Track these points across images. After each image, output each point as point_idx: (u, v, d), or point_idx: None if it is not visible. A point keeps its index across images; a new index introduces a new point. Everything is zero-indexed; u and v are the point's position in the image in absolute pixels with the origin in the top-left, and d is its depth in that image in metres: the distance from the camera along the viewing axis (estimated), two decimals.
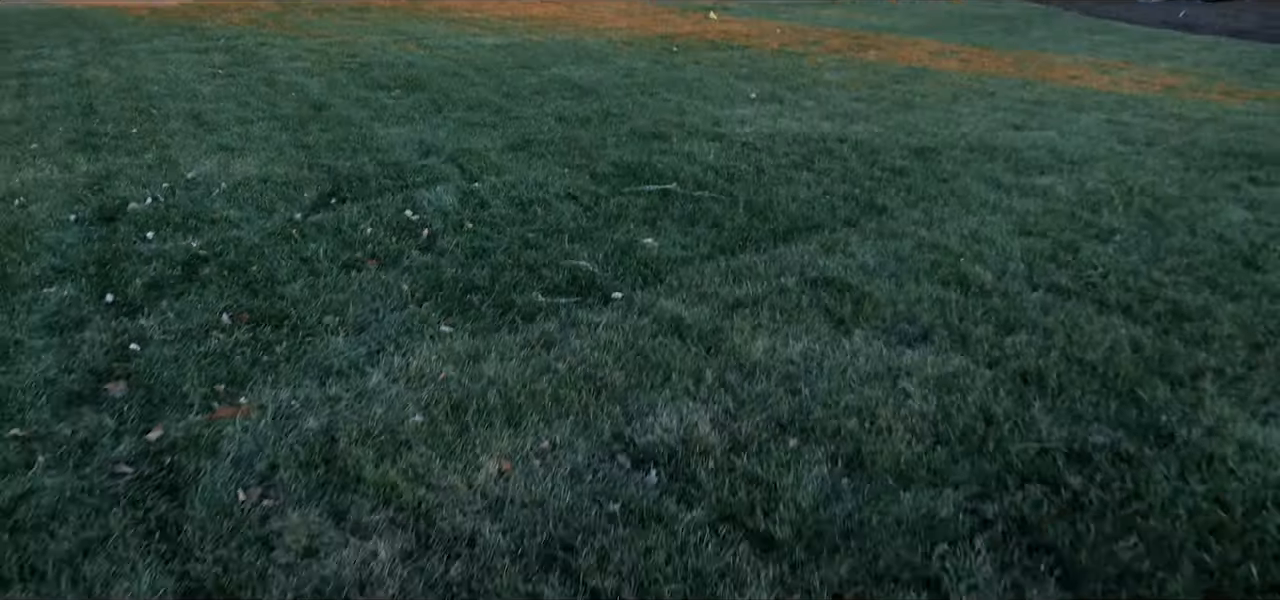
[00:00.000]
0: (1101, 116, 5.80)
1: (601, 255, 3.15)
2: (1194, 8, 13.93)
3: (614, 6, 12.13)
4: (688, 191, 3.90)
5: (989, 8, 14.05)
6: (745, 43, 9.04)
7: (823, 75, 7.24)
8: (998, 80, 7.24)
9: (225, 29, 8.59)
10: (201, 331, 2.52)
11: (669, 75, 6.98)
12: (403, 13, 10.49)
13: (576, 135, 4.95)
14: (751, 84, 6.74)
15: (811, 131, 5.13)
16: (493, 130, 5.02)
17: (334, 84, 6.24)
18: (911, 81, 7.04)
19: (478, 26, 9.50)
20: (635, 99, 6.01)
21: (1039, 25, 11.82)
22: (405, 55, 7.50)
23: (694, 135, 4.98)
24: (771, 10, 12.51)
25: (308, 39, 8.21)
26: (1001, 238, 3.33)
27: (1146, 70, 8.05)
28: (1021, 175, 4.26)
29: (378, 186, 3.89)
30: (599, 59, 7.68)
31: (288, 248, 3.14)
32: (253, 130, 4.85)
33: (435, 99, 5.81)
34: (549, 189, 3.90)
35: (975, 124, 5.46)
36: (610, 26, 10.05)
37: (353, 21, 9.59)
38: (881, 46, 9.06)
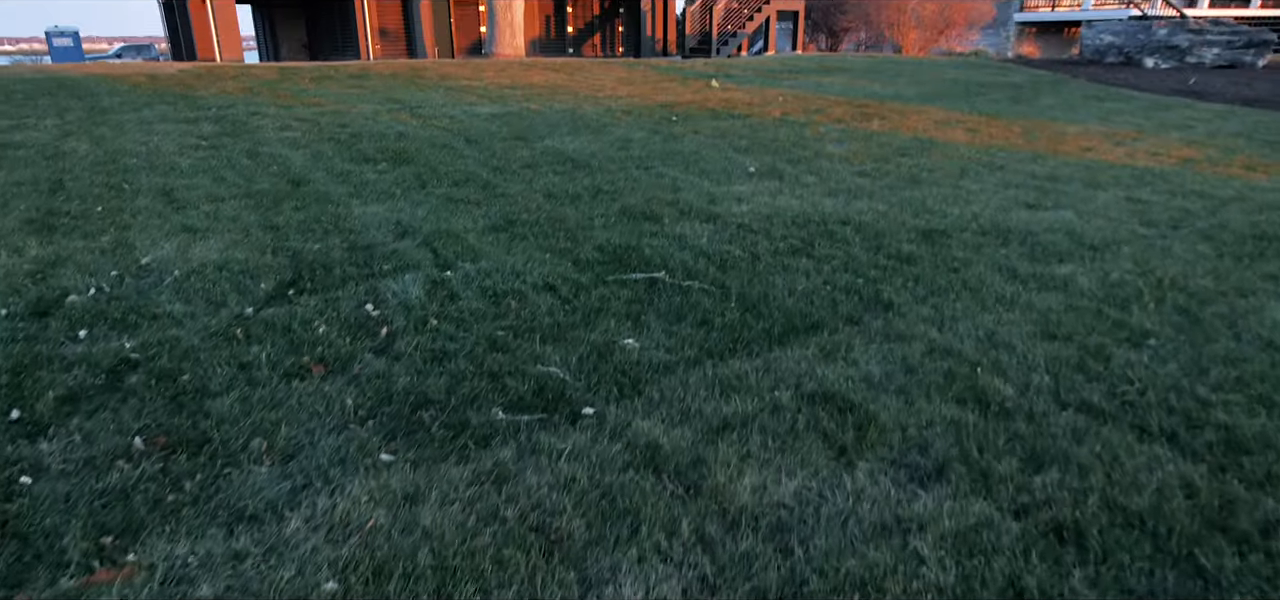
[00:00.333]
0: (1120, 194, 5.50)
1: (576, 359, 2.83)
2: (1202, 74, 13.79)
3: (615, 74, 12.07)
4: (676, 281, 3.60)
5: (995, 75, 13.95)
6: (747, 112, 8.86)
7: (825, 147, 7.01)
8: (1007, 153, 6.99)
9: (219, 98, 8.49)
10: (107, 460, 2.19)
11: (666, 147, 6.76)
12: (402, 80, 10.42)
13: (563, 214, 4.68)
14: (751, 157, 6.51)
15: (812, 211, 4.85)
16: (475, 208, 4.76)
17: (318, 156, 6.03)
18: (917, 154, 6.79)
19: (475, 95, 9.39)
20: (629, 174, 5.76)
21: (1047, 93, 11.66)
22: (397, 125, 7.33)
23: (687, 215, 4.70)
24: (774, 78, 12.43)
25: (301, 108, 8.08)
26: (1022, 342, 2.99)
27: (1161, 141, 7.80)
28: (1039, 263, 3.94)
29: (342, 275, 3.61)
30: (596, 129, 7.49)
31: (228, 351, 2.84)
32: (223, 209, 4.61)
33: (421, 174, 5.58)
34: (527, 278, 3.60)
35: (986, 202, 5.17)
36: (610, 95, 9.93)
37: (350, 89, 9.50)
38: (886, 116, 8.87)
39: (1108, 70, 14.38)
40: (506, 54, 14.81)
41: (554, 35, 21.43)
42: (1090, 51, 15.46)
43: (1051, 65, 16.10)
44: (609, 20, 22.46)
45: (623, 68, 13.09)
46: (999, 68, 15.33)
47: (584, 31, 22.05)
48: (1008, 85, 12.42)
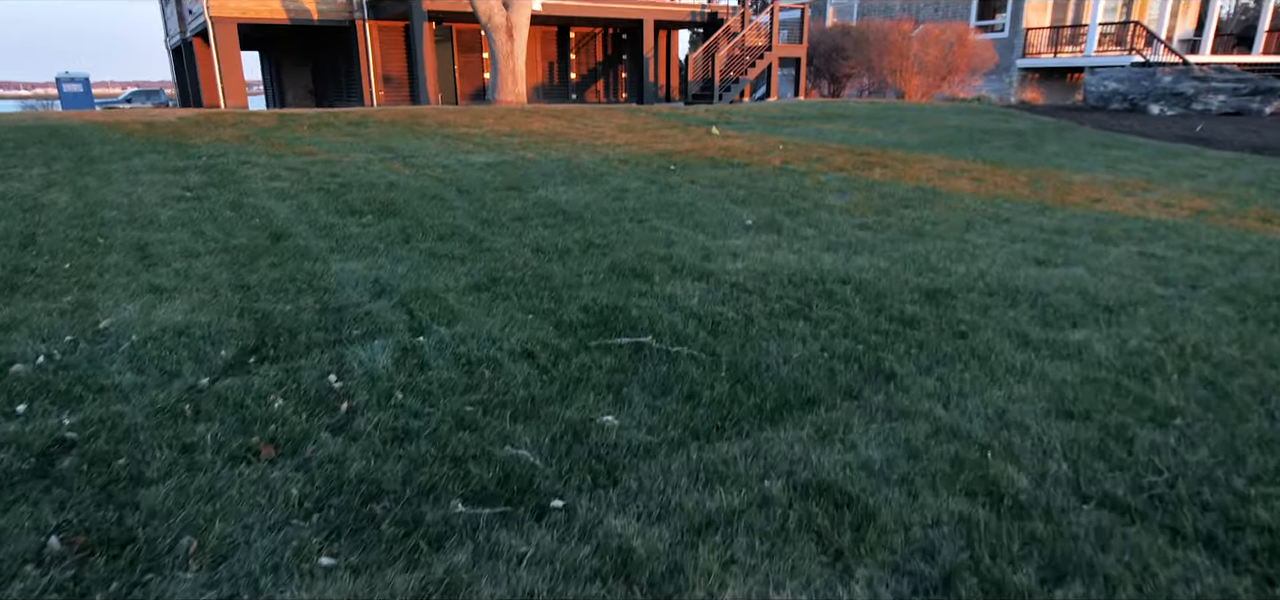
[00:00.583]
0: (1132, 249, 5.28)
1: (548, 440, 2.60)
2: (1209, 121, 13.65)
3: (616, 121, 12.00)
4: (664, 346, 3.38)
5: (998, 121, 13.85)
6: (746, 161, 8.72)
7: (825, 198, 6.83)
8: (1013, 204, 6.79)
9: (212, 146, 8.40)
10: (13, 565, 1.96)
11: (661, 198, 6.59)
12: (400, 128, 10.35)
13: (550, 271, 4.48)
14: (748, 208, 6.33)
15: (810, 268, 4.64)
16: (459, 265, 4.57)
17: (304, 208, 5.88)
18: (921, 205, 6.61)
19: (472, 143, 9.29)
20: (622, 227, 5.58)
21: (1052, 140, 11.52)
22: (389, 175, 7.20)
23: (679, 272, 4.50)
24: (775, 125, 12.34)
25: (293, 156, 7.97)
26: (1035, 421, 2.75)
27: (1172, 191, 7.60)
28: (1051, 328, 3.70)
29: (308, 341, 3.40)
30: (592, 179, 7.34)
31: (173, 430, 2.62)
32: (195, 266, 4.43)
33: (407, 227, 5.41)
34: (504, 343, 3.38)
35: (993, 258, 4.95)
36: (609, 143, 9.82)
37: (347, 137, 9.42)
38: (888, 164, 8.71)
39: (1113, 117, 14.27)
40: (509, 101, 14.81)
41: (557, 81, 21.54)
42: (1094, 98, 15.37)
43: (1055, 111, 16.02)
44: (613, 66, 22.60)
45: (624, 114, 13.03)
46: (1002, 114, 15.25)
47: (588, 77, 22.17)
48: (1012, 132, 12.29)
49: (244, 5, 16.34)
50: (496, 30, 14.49)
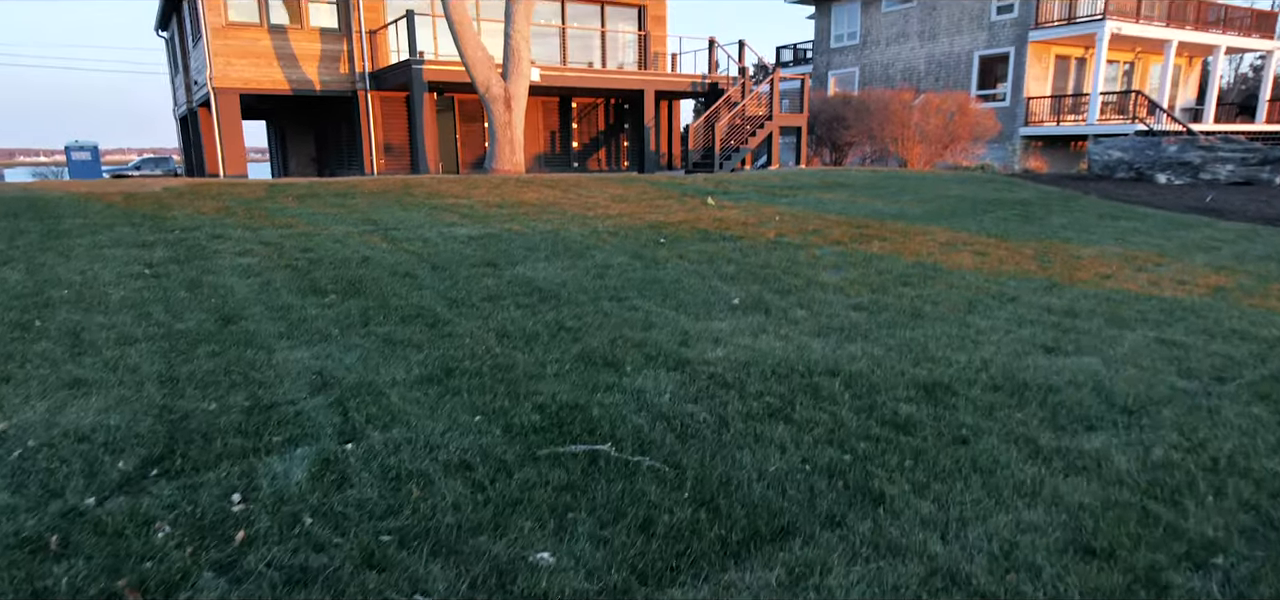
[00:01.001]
0: (1149, 334, 4.88)
1: (466, 586, 2.19)
2: (1219, 191, 13.35)
3: (611, 191, 11.80)
4: (624, 456, 2.98)
5: (1002, 190, 13.59)
6: (740, 233, 8.42)
7: (819, 274, 6.48)
8: (1019, 281, 6.42)
9: (190, 218, 8.17)
10: None
11: (646, 274, 6.26)
12: (390, 198, 10.15)
13: (513, 360, 4.11)
14: (736, 286, 5.98)
15: (797, 357, 4.25)
16: (415, 353, 4.21)
17: (266, 287, 5.57)
18: (920, 282, 6.24)
19: (459, 215, 9.05)
20: (599, 307, 5.23)
21: (1058, 211, 11.21)
22: (365, 249, 6.92)
23: (653, 361, 4.12)
24: (772, 195, 12.10)
25: (271, 229, 7.72)
26: (1049, 560, 2.32)
27: (1186, 266, 7.22)
28: (1063, 433, 3.29)
29: (223, 448, 3.02)
30: (576, 253, 7.04)
31: (26, 570, 2.23)
32: (128, 355, 4.08)
33: (369, 308, 5.07)
34: (442, 452, 3.00)
35: (997, 345, 4.56)
36: (601, 214, 9.57)
37: (332, 208, 9.20)
38: (887, 236, 8.39)
39: (1119, 186, 13.99)
40: (506, 170, 14.70)
41: (559, 150, 21.57)
42: (1099, 167, 15.13)
43: (1060, 180, 15.78)
44: (614, 135, 22.66)
45: (619, 184, 12.85)
46: (1006, 183, 15.01)
47: (590, 146, 22.21)
48: (1016, 202, 12.01)
49: (246, 76, 16.46)
50: (495, 101, 14.46)
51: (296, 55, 17.08)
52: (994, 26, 26.28)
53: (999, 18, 26.11)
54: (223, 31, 16.15)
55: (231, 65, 16.29)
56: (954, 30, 27.59)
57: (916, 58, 28.88)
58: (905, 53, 29.23)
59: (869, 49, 30.53)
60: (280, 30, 16.85)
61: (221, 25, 16.13)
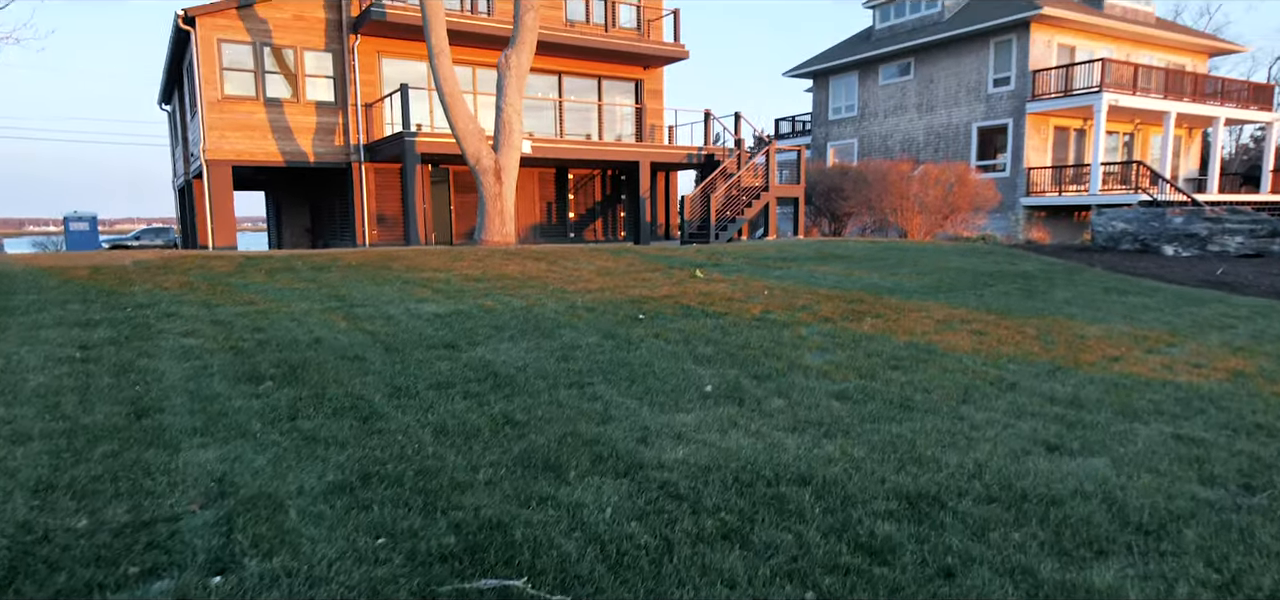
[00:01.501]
0: (1164, 428, 4.38)
1: None
2: (1229, 263, 12.92)
3: (598, 263, 11.46)
4: (539, 594, 2.49)
5: (1003, 262, 13.19)
6: (724, 309, 8.00)
7: (803, 356, 6.02)
8: (1020, 363, 5.95)
9: (148, 294, 7.83)
10: None
11: (616, 356, 5.82)
12: (368, 271, 9.82)
13: (443, 463, 3.65)
14: (712, 369, 5.53)
15: (766, 459, 3.77)
16: (336, 452, 3.75)
17: (200, 373, 5.15)
18: (912, 366, 5.78)
19: (433, 290, 8.68)
20: (555, 397, 4.78)
21: (1062, 284, 10.78)
22: (320, 329, 6.52)
23: (602, 464, 3.65)
24: (765, 267, 11.73)
25: (229, 306, 7.36)
26: None
27: (1201, 347, 6.74)
28: (1069, 562, 2.78)
29: (67, 582, 2.55)
30: (546, 332, 6.62)
31: None
32: (10, 456, 3.64)
33: (302, 398, 4.64)
34: (324, 591, 2.51)
35: (994, 444, 4.07)
36: (583, 288, 9.19)
37: (302, 283, 8.86)
38: (880, 313, 7.95)
39: (1125, 258, 13.58)
40: (496, 242, 14.44)
41: (556, 221, 21.42)
42: (1103, 238, 14.76)
43: (1063, 252, 15.39)
44: (611, 206, 22.54)
45: (609, 255, 12.53)
46: (1007, 254, 14.63)
47: (586, 217, 22.06)
48: (1018, 275, 11.59)
49: (239, 148, 16.43)
50: (485, 173, 14.30)
51: (291, 128, 17.09)
52: (991, 99, 26.36)
53: (996, 90, 26.21)
54: (218, 105, 16.19)
55: (225, 138, 16.27)
56: (951, 103, 27.70)
57: (915, 129, 28.96)
58: (903, 124, 29.33)
59: (867, 121, 30.68)
60: (276, 104, 16.89)
61: (217, 99, 16.18)
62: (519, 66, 14.35)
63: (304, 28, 17.05)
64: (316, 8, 17.18)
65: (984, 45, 26.49)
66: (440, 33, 14.01)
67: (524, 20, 14.41)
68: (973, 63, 26.91)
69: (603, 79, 21.73)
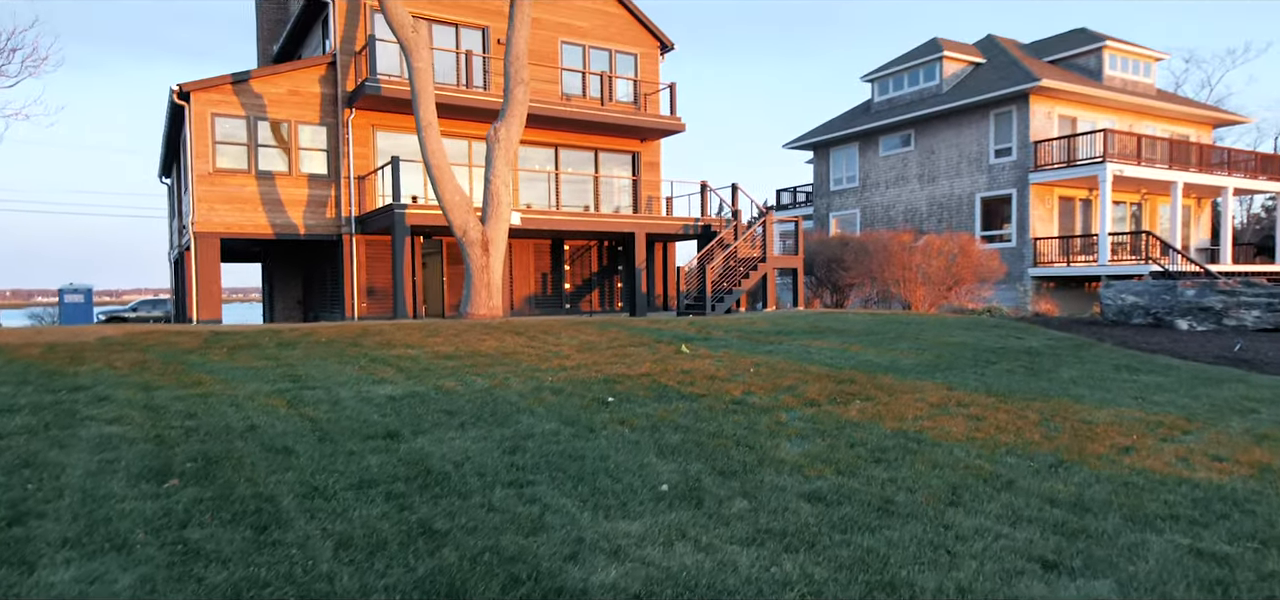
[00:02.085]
0: (1180, 539, 3.80)
1: None
2: (1247, 338, 12.31)
3: (581, 338, 11.00)
4: None
5: (1009, 337, 12.64)
6: (703, 390, 7.49)
7: (779, 447, 5.48)
8: (1018, 456, 5.38)
9: (96, 373, 7.42)
10: None
11: (570, 447, 5.30)
12: (336, 347, 9.40)
13: (332, 587, 3.12)
14: (674, 463, 4.99)
15: (710, 582, 3.22)
16: (217, 571, 3.24)
17: (106, 468, 4.67)
18: (898, 459, 5.22)
19: (398, 368, 8.23)
20: (489, 498, 4.26)
21: (1069, 361, 10.20)
22: (259, 415, 6.05)
23: (514, 590, 3.11)
24: (756, 342, 11.23)
25: (172, 388, 6.92)
26: None
27: (1220, 435, 6.14)
28: None
29: None
30: (501, 418, 6.12)
31: None
32: None
33: (204, 500, 4.14)
34: None
35: (982, 559, 3.51)
36: (557, 366, 8.72)
37: (261, 362, 8.44)
38: (871, 395, 7.41)
39: (1137, 333, 12.99)
40: (482, 315, 14.05)
41: (551, 292, 21.09)
42: (1113, 311, 14.20)
43: (1072, 325, 14.80)
44: (607, 277, 22.23)
45: (595, 329, 12.08)
46: (1014, 328, 14.08)
47: (582, 288, 21.73)
48: (1023, 351, 11.03)
49: (228, 221, 16.29)
50: (472, 245, 14.02)
51: (283, 200, 16.99)
52: (993, 169, 26.16)
53: (997, 161, 26.03)
54: (208, 178, 16.13)
55: (214, 210, 16.15)
56: (953, 173, 27.53)
57: (917, 199, 28.74)
58: (906, 195, 29.14)
59: (869, 191, 30.53)
60: (268, 176, 16.83)
61: (208, 172, 16.13)
62: (508, 139, 14.22)
63: (299, 102, 17.12)
64: (312, 82, 17.27)
65: (984, 117, 26.44)
66: (429, 107, 13.93)
67: (514, 94, 14.33)
68: (973, 134, 26.83)
69: (599, 151, 21.70)
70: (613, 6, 21.68)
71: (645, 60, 22.26)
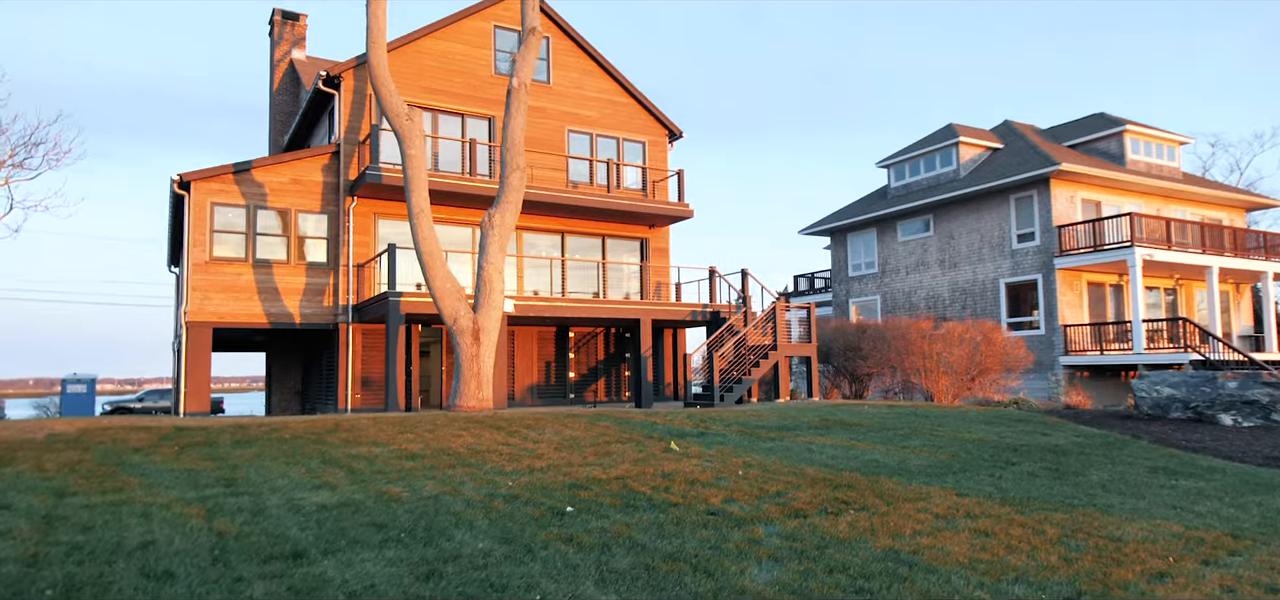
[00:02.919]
0: None
1: None
2: None
3: (565, 434, 10.27)
4: None
5: (1034, 432, 11.64)
6: (678, 497, 6.70)
7: (743, 574, 4.67)
8: (1029, 585, 4.51)
9: (15, 477, 6.87)
10: None
11: (497, 573, 4.55)
12: (296, 444, 8.79)
13: None
14: (613, 594, 4.21)
15: None
16: None
17: None
18: (884, 588, 4.39)
19: (347, 471, 7.57)
20: None
21: (1099, 462, 9.21)
22: (164, 527, 5.41)
23: None
24: (756, 437, 10.40)
25: (84, 495, 6.33)
26: None
27: (1272, 555, 5.19)
28: None
29: None
30: (432, 535, 5.39)
31: None
32: None
33: None
34: None
35: None
36: (527, 467, 8.00)
37: (207, 462, 7.85)
38: (868, 505, 6.55)
39: (1176, 428, 11.88)
40: (471, 407, 13.41)
41: (555, 381, 20.43)
42: (1148, 405, 13.10)
43: (1105, 420, 13.70)
44: (614, 365, 21.55)
45: (584, 423, 11.34)
46: (1041, 422, 13.04)
47: (588, 376, 21.05)
48: (1048, 450, 10.05)
49: (222, 310, 16.05)
50: (462, 333, 13.51)
51: (279, 289, 16.77)
52: (1016, 254, 25.33)
53: (1020, 246, 25.22)
54: (204, 267, 15.99)
55: (208, 299, 15.95)
56: (975, 259, 26.73)
57: (939, 285, 27.89)
58: (927, 280, 28.32)
59: (889, 277, 29.77)
60: (265, 265, 16.67)
61: (204, 261, 16.00)
62: (502, 224, 13.88)
63: (300, 190, 17.10)
64: (314, 171, 17.29)
65: (1003, 201, 25.80)
66: (421, 193, 13.70)
67: (509, 180, 14.08)
68: (993, 219, 26.15)
69: (607, 237, 21.39)
70: (620, 96, 21.75)
71: (653, 147, 22.17)
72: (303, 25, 23.26)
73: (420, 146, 13.84)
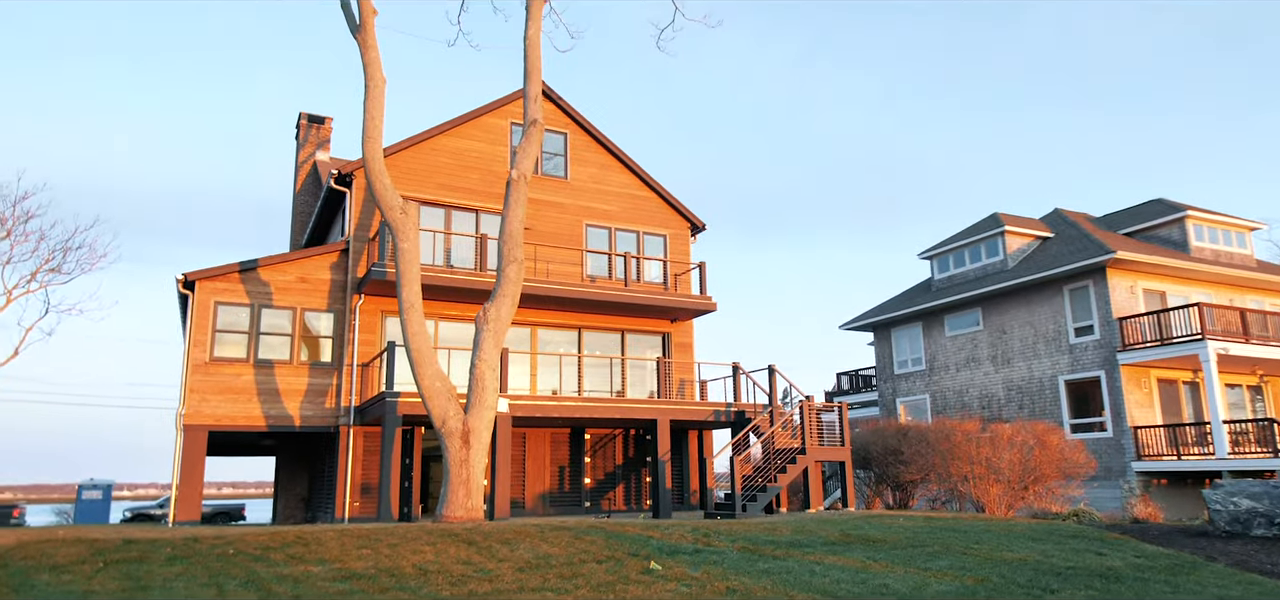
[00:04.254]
0: None
1: None
2: None
3: (539, 552, 9.18)
4: None
5: (1086, 552, 9.98)
6: None
7: None
8: None
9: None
10: None
11: None
12: (226, 563, 7.96)
13: None
14: None
15: None
16: None
17: None
18: None
19: (256, 594, 6.66)
20: None
21: (1159, 592, 7.62)
22: None
23: None
24: (758, 555, 9.11)
25: None
26: None
27: None
28: None
29: None
30: None
31: None
32: None
33: None
34: None
35: None
36: (468, 592, 6.96)
37: (114, 583, 7.07)
38: None
39: (1259, 549, 10.02)
40: (458, 517, 12.43)
41: (568, 488, 19.27)
42: (1225, 519, 11.22)
43: (1173, 538, 11.78)
44: (634, 470, 20.30)
45: (568, 538, 10.22)
46: (1097, 539, 11.29)
47: (605, 482, 19.83)
48: (1099, 574, 8.46)
49: (219, 413, 15.67)
50: (450, 436, 12.69)
51: (280, 390, 16.36)
52: (1075, 349, 23.43)
53: (1079, 340, 23.35)
54: (203, 368, 15.74)
55: (205, 401, 15.61)
56: (1029, 354, 24.86)
57: (992, 383, 25.96)
58: (979, 378, 26.43)
59: (938, 374, 27.96)
60: (267, 365, 16.35)
61: (203, 362, 15.77)
62: (498, 319, 13.23)
63: (307, 289, 16.93)
64: (322, 269, 17.16)
65: (1057, 292, 24.13)
66: (413, 287, 13.23)
67: (506, 272, 13.52)
68: (1047, 311, 24.42)
69: (626, 333, 20.58)
70: (641, 190, 21.38)
71: (675, 240, 21.56)
72: (328, 128, 23.94)
73: (414, 240, 13.46)
